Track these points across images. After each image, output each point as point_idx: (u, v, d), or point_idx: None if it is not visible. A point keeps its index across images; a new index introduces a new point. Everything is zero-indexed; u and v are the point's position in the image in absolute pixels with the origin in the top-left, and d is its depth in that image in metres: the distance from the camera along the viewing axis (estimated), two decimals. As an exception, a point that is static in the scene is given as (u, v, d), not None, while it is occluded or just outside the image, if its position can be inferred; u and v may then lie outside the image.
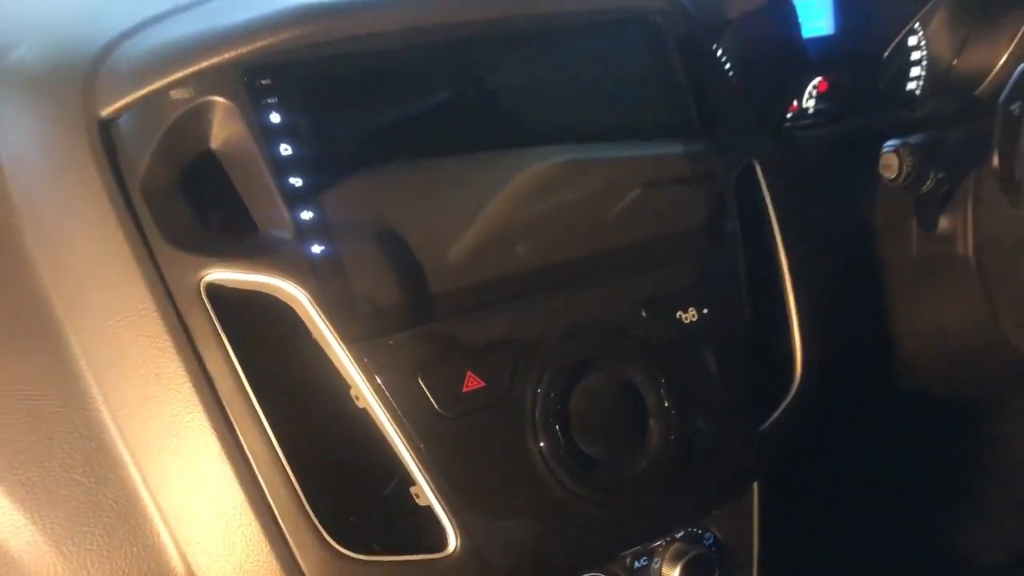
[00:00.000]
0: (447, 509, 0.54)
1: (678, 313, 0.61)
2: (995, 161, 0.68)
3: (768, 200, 0.68)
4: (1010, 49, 0.94)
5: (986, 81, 0.95)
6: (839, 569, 0.94)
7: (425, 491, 0.53)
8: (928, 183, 0.69)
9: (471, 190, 0.58)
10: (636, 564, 0.65)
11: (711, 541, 0.68)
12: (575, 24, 0.64)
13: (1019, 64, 0.72)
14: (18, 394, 0.52)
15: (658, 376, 0.59)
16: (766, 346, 0.66)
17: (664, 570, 0.66)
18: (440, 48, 0.59)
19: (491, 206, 0.58)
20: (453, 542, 0.54)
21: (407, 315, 0.54)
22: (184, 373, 0.51)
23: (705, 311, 0.61)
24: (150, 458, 0.52)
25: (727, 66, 0.81)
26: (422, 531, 0.55)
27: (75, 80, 0.56)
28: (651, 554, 0.65)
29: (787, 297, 0.67)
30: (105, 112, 0.54)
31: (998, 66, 0.95)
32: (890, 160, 0.69)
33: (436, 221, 0.56)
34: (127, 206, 0.53)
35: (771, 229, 0.68)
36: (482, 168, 0.59)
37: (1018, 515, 1.14)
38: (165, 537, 0.52)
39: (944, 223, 0.75)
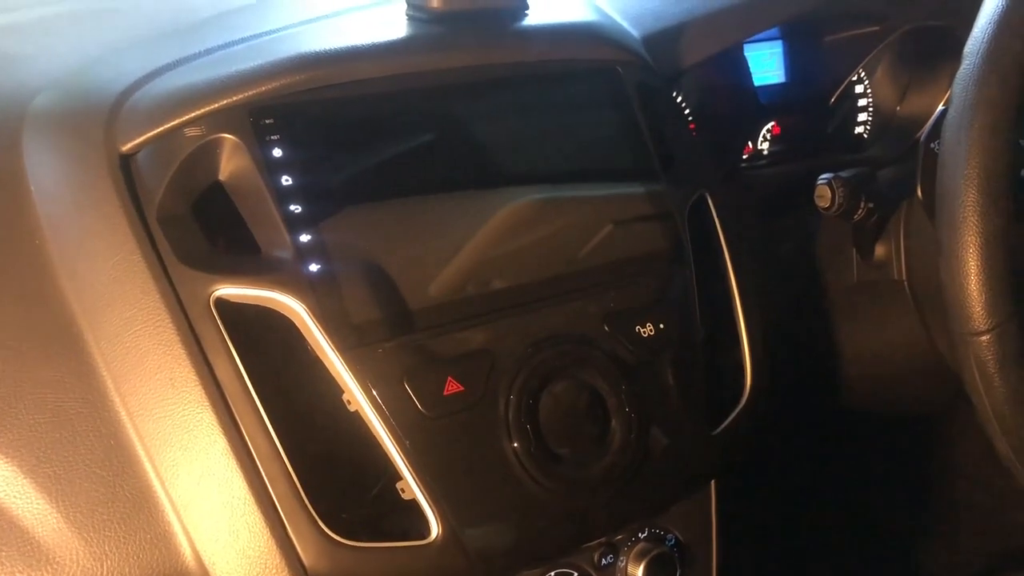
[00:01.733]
0: (429, 500, 0.59)
1: (637, 328, 0.67)
2: (919, 192, 0.76)
3: (719, 228, 0.75)
4: (947, 94, 1.02)
5: (927, 125, 1.02)
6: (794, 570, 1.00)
7: (410, 485, 0.59)
8: (860, 212, 0.77)
9: (452, 220, 0.65)
10: (603, 561, 0.70)
11: (673, 542, 0.74)
12: (546, 72, 0.71)
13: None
14: (45, 396, 0.58)
15: (619, 383, 0.65)
16: (720, 359, 0.73)
17: (629, 568, 0.71)
18: (423, 93, 0.66)
19: (470, 235, 0.64)
20: (435, 530, 0.59)
21: (394, 327, 0.60)
22: (195, 378, 0.57)
23: (662, 326, 0.68)
24: (163, 454, 0.57)
25: (685, 110, 0.88)
26: (407, 524, 0.61)
27: (98, 120, 0.62)
28: (616, 552, 0.71)
29: (737, 314, 0.74)
30: (125, 148, 0.61)
31: (938, 111, 1.02)
32: (824, 191, 0.77)
33: (420, 245, 0.63)
34: (144, 230, 0.59)
35: (723, 254, 0.75)
36: (462, 201, 0.66)
37: (972, 533, 1.20)
38: (176, 525, 0.58)
39: (879, 251, 0.82)
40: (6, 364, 0.58)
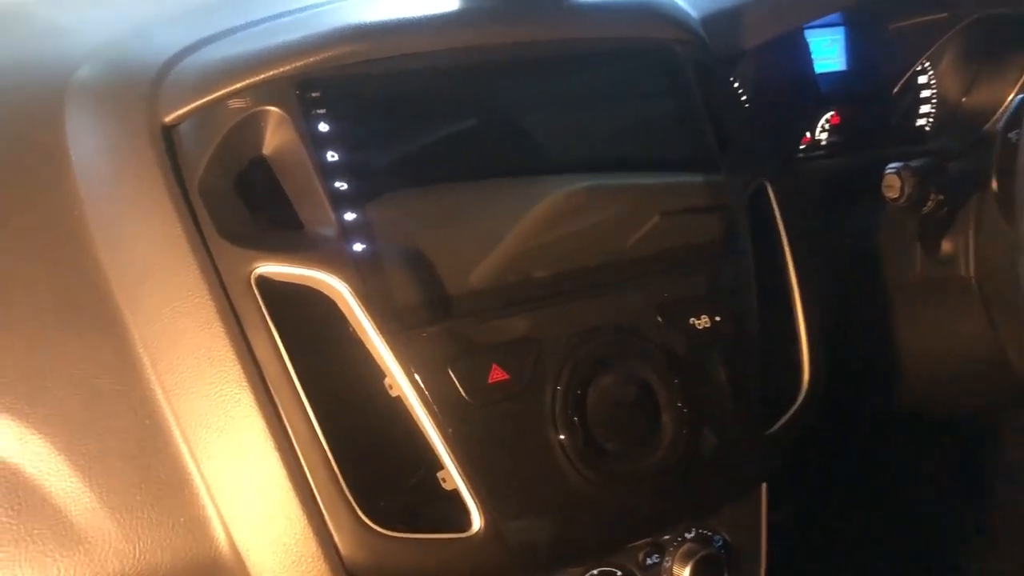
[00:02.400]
0: (472, 492, 0.57)
1: (691, 319, 0.65)
2: (994, 184, 0.72)
3: (779, 219, 0.72)
4: (1018, 85, 0.97)
5: (994, 117, 0.98)
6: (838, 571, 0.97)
7: (452, 475, 0.57)
8: (929, 204, 0.73)
9: (500, 203, 0.62)
10: (648, 561, 0.68)
11: (721, 543, 0.71)
12: (600, 49, 0.69)
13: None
14: (81, 373, 0.56)
15: (671, 377, 0.62)
16: (775, 355, 0.70)
17: (675, 569, 0.68)
18: (474, 69, 0.64)
19: (518, 219, 0.62)
20: (477, 523, 0.57)
21: (439, 311, 0.58)
22: (234, 357, 0.55)
23: (717, 319, 0.65)
24: (199, 435, 0.56)
25: (742, 96, 0.85)
26: (447, 515, 0.59)
27: (140, 91, 0.61)
28: (662, 552, 0.68)
29: (796, 309, 0.71)
30: (168, 119, 0.60)
31: (1006, 102, 0.98)
32: (892, 180, 0.73)
33: (467, 227, 0.61)
34: (186, 204, 0.57)
35: (782, 246, 0.72)
36: (511, 184, 0.63)
37: (1017, 539, 1.15)
38: (210, 510, 0.56)
39: (947, 246, 0.78)
40: (41, 337, 0.56)
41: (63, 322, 0.57)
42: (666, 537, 0.68)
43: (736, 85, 0.85)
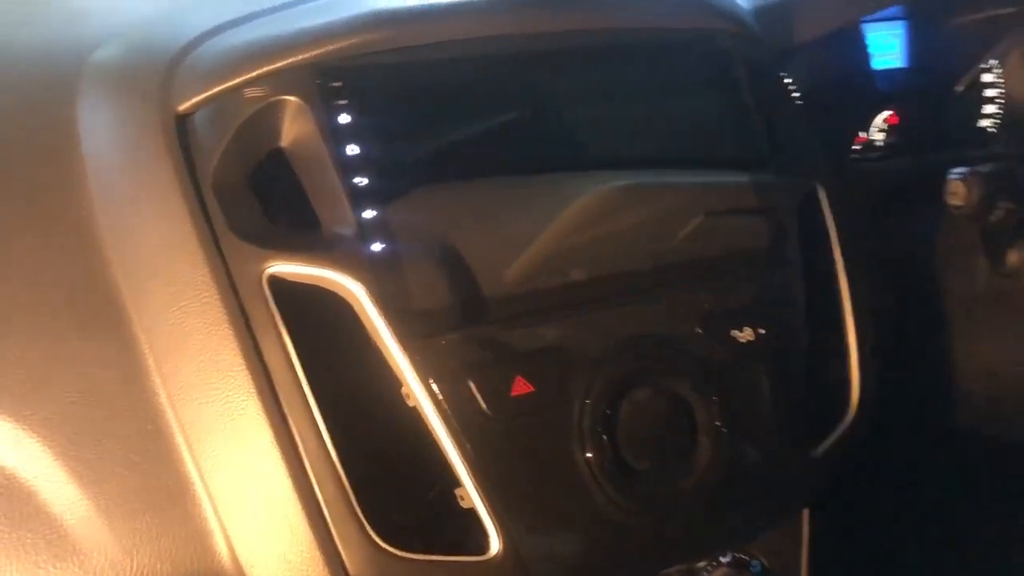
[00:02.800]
0: (491, 512, 0.53)
1: (733, 331, 0.60)
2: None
3: (831, 226, 0.67)
4: None
5: None
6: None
7: (470, 492, 0.53)
8: (997, 213, 0.68)
9: (530, 203, 0.58)
10: (680, 586, 0.64)
11: (759, 570, 0.66)
12: (646, 41, 0.64)
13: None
14: (81, 372, 0.53)
15: (710, 393, 0.58)
16: (822, 371, 0.65)
17: (709, 596, 0.65)
18: (509, 60, 0.60)
19: (549, 220, 0.58)
20: (495, 546, 0.54)
21: (461, 317, 0.55)
22: (242, 362, 0.52)
23: (761, 331, 0.61)
24: (203, 443, 0.53)
25: (794, 91, 0.80)
26: (463, 535, 0.55)
27: (155, 77, 0.58)
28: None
29: (845, 323, 0.66)
30: (182, 107, 0.56)
31: None
32: (957, 187, 0.68)
33: (494, 229, 0.57)
34: (197, 197, 0.54)
35: (833, 255, 0.67)
36: (543, 183, 0.59)
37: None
38: (213, 522, 0.53)
39: (1013, 257, 0.73)
40: (42, 334, 0.54)
41: (65, 319, 0.54)
42: (700, 564, 0.63)
43: (788, 81, 0.80)
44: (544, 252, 0.57)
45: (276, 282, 0.53)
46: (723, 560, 0.65)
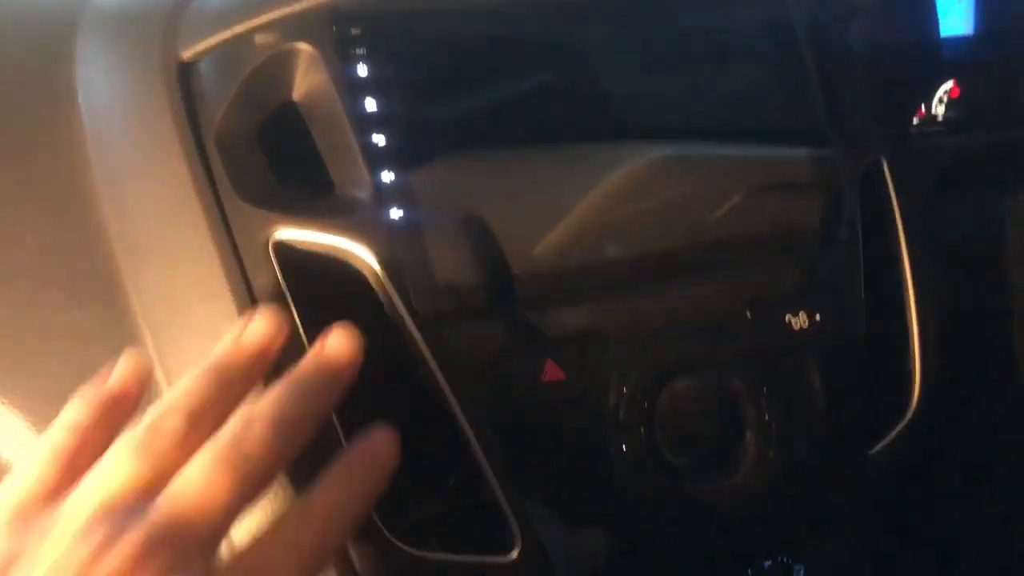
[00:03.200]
0: (514, 508, 0.49)
1: (787, 317, 0.55)
2: None
3: (895, 204, 0.62)
4: None
5: None
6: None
7: (492, 486, 0.49)
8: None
9: (564, 173, 0.53)
10: (716, 591, 0.59)
11: (801, 574, 0.61)
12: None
13: None
14: (71, 344, 0.49)
15: (760, 385, 0.53)
16: (881, 363, 0.59)
17: (747, 602, 0.59)
18: (549, 13, 0.54)
19: (585, 193, 0.53)
20: (518, 545, 0.49)
21: (487, 295, 0.50)
22: (244, 336, 0.47)
23: (817, 317, 0.55)
24: (201, 425, 0.48)
25: (854, 57, 0.74)
26: (483, 533, 0.50)
27: (157, 22, 0.53)
28: (733, 581, 0.59)
29: (909, 311, 0.60)
30: (185, 55, 0.52)
31: None
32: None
33: (524, 200, 0.52)
34: (200, 154, 0.49)
35: (896, 236, 0.61)
36: (578, 151, 0.54)
37: None
38: (211, 511, 0.49)
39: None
40: (28, 300, 0.49)
41: (54, 286, 0.49)
42: (740, 569, 0.58)
43: (848, 46, 0.74)
44: (580, 227, 0.52)
45: (283, 249, 0.48)
46: (763, 564, 0.60)
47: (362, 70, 0.49)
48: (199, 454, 0.36)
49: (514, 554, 0.49)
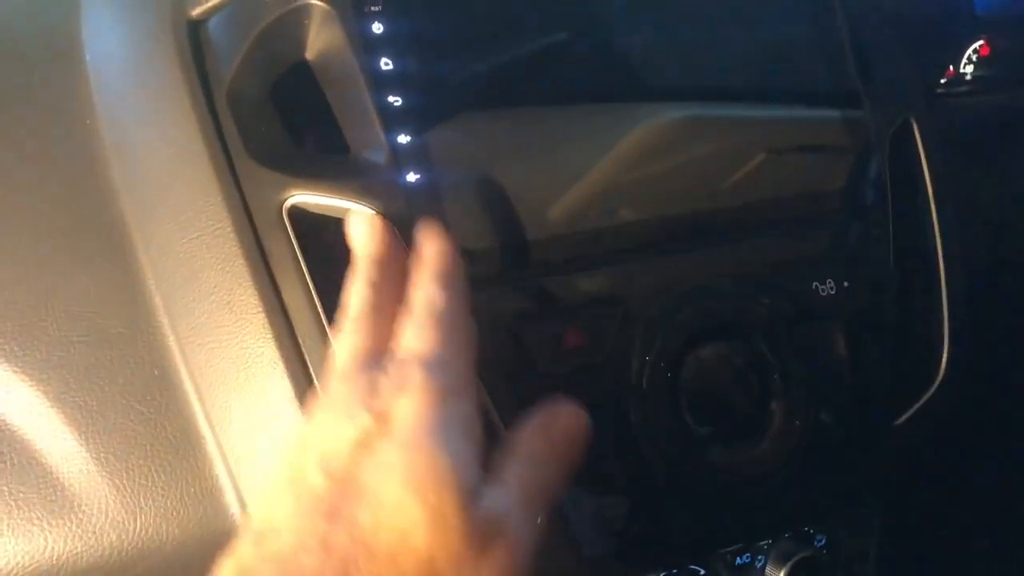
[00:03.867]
0: (535, 479, 0.47)
1: (814, 283, 0.53)
2: None
3: (925, 167, 0.60)
4: None
5: None
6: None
7: (511, 456, 0.47)
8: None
9: (583, 136, 0.51)
10: (738, 560, 0.58)
11: (823, 543, 0.60)
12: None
13: None
14: (80, 310, 0.48)
15: (785, 352, 0.51)
16: (910, 331, 0.58)
17: (769, 571, 0.59)
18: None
19: (604, 155, 0.51)
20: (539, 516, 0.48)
21: (505, 260, 0.48)
22: (258, 303, 0.46)
23: (845, 283, 0.54)
24: (215, 392, 0.47)
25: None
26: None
27: (166, -23, 0.51)
28: (755, 551, 0.58)
29: (939, 279, 0.58)
30: (196, 12, 0.50)
31: None
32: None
33: (543, 162, 0.50)
34: (211, 115, 0.48)
35: (926, 200, 0.59)
36: (597, 114, 0.52)
37: None
38: (224, 480, 0.48)
39: None
40: (37, 266, 0.48)
41: (63, 249, 0.48)
42: (762, 538, 0.57)
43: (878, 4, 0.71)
44: (601, 189, 0.50)
45: (297, 213, 0.47)
46: (784, 534, 0.59)
47: (378, 27, 0.48)
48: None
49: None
